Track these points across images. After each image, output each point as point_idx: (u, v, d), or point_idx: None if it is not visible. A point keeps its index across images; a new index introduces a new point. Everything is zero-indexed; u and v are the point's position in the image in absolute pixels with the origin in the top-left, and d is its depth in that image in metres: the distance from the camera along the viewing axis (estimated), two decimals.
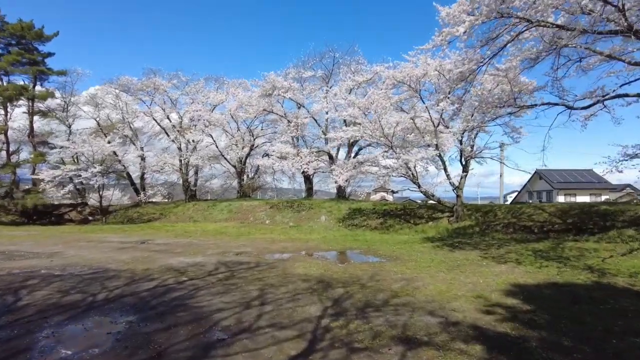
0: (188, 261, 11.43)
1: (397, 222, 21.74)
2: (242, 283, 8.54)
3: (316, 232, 20.12)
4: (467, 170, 20.33)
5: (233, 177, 38.36)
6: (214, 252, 13.20)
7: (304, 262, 11.15)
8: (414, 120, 19.25)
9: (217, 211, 28.20)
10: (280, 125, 31.70)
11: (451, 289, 8.17)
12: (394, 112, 19.89)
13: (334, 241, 16.29)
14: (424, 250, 13.71)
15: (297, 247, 14.60)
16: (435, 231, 19.30)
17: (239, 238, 17.72)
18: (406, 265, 10.73)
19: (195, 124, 29.91)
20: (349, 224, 22.53)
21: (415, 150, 18.23)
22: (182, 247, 14.55)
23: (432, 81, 19.94)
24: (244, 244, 15.34)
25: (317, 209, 26.06)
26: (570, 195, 44.59)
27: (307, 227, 23.06)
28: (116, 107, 30.42)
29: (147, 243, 16.10)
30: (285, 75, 27.14)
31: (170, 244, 15.75)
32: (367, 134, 19.27)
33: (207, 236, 18.68)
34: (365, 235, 18.77)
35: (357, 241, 16.33)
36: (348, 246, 14.91)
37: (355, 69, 25.93)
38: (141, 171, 32.59)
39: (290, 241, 16.40)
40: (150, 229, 22.76)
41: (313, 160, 26.23)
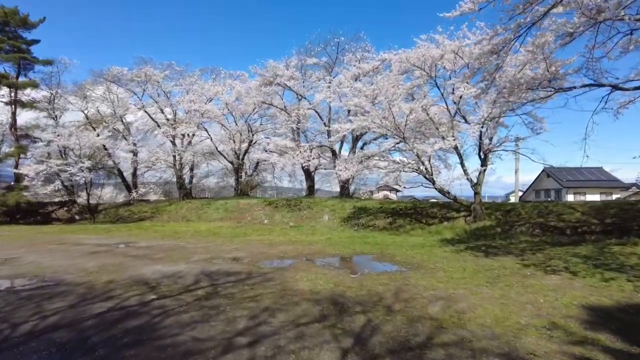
0: (165, 270, 9.17)
1: (407, 222, 19.49)
2: (226, 305, 6.28)
3: (319, 233, 17.86)
4: (485, 164, 18.07)
5: (230, 175, 36.09)
6: (201, 258, 10.94)
7: (308, 272, 8.89)
8: (426, 110, 17.03)
9: (212, 210, 25.93)
10: (279, 118, 29.45)
11: (509, 313, 5.94)
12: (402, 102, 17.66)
13: (340, 244, 14.03)
14: (447, 255, 11.46)
15: (298, 251, 12.34)
16: (452, 232, 17.06)
17: (233, 240, 15.46)
18: (435, 277, 8.47)
19: (191, 117, 27.59)
20: (354, 224, 20.27)
21: (431, 141, 15.98)
22: (165, 252, 12.28)
23: (446, 67, 17.73)
24: (238, 248, 13.08)
25: (319, 207, 23.81)
26: (579, 194, 42.38)
27: (308, 227, 20.80)
28: (106, 99, 28.11)
29: (127, 246, 13.84)
30: (286, 63, 24.83)
31: (153, 247, 13.48)
32: (375, 124, 17.00)
33: (198, 238, 16.42)
34: (375, 236, 16.50)
35: (366, 244, 14.08)
36: (358, 250, 12.64)
37: (361, 56, 23.65)
38: (133, 167, 30.27)
39: (291, 244, 14.15)
40: (138, 229, 20.49)
41: (314, 156, 23.95)
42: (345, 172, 18.65)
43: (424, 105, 15.63)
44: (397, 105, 15.57)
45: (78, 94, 28.05)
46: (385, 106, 15.85)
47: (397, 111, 15.68)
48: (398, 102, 15.64)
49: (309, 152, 23.89)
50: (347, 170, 18.47)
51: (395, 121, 15.82)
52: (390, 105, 15.45)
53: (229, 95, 27.41)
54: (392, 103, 15.51)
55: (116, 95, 28.70)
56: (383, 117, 15.87)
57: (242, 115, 30.37)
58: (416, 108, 15.41)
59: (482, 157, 17.98)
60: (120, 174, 30.87)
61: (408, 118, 15.64)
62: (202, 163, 35.40)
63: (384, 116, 15.87)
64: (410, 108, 15.34)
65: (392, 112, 15.56)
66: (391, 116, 15.66)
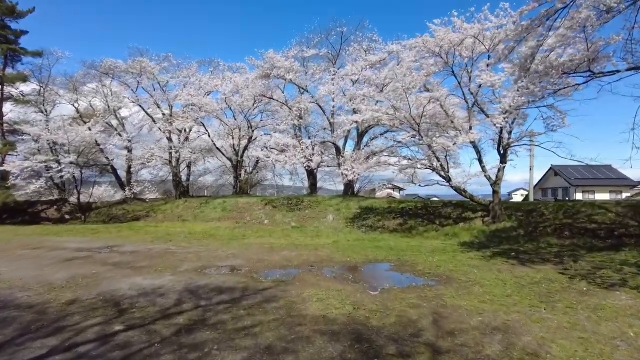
0: (145, 285, 7.50)
1: (419, 224, 17.82)
2: (213, 343, 4.61)
3: (324, 236, 16.19)
4: (505, 161, 16.39)
5: (229, 172, 34.38)
6: (190, 268, 9.27)
7: (318, 288, 7.23)
8: (441, 102, 15.35)
9: (209, 209, 24.24)
10: (280, 113, 27.74)
11: (600, 356, 4.28)
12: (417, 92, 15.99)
13: (349, 249, 12.36)
14: (475, 263, 9.80)
15: (303, 258, 10.67)
16: (470, 235, 15.40)
17: (229, 244, 13.78)
18: (474, 294, 6.82)
19: (188, 112, 25.85)
20: (361, 225, 18.58)
21: (452, 134, 14.31)
22: (151, 258, 10.61)
23: (462, 54, 16.02)
24: (234, 254, 11.40)
25: (322, 207, 22.13)
26: (588, 192, 40.76)
27: (312, 228, 19.13)
28: (99, 93, 26.36)
29: (111, 250, 12.16)
30: (286, 55, 23.09)
31: (140, 252, 11.80)
32: (389, 116, 15.33)
33: (192, 241, 14.75)
34: (386, 240, 14.83)
35: (379, 249, 12.40)
36: (371, 257, 10.97)
37: (367, 46, 21.92)
38: (127, 164, 28.54)
39: (294, 248, 12.47)
40: (129, 230, 18.81)
41: (317, 153, 22.24)
42: (352, 170, 16.94)
43: (443, 95, 13.92)
44: (414, 94, 13.86)
45: (69, 87, 26.30)
46: (398, 96, 14.15)
47: (414, 100, 13.99)
48: (415, 91, 13.94)
49: (312, 149, 22.19)
50: (354, 168, 16.75)
51: (410, 112, 14.12)
52: (406, 93, 13.75)
53: (228, 88, 25.64)
54: (410, 91, 13.80)
55: (110, 89, 26.95)
56: (399, 107, 14.16)
57: (241, 110, 28.65)
58: (436, 97, 13.70)
59: (501, 152, 16.31)
60: (114, 171, 29.16)
61: (426, 108, 13.94)
62: (200, 160, 33.69)
63: (397, 107, 14.17)
64: (429, 97, 13.65)
65: (409, 102, 13.86)
66: (406, 106, 13.97)
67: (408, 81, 13.79)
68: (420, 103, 13.93)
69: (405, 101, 14.03)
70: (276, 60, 22.19)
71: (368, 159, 19.11)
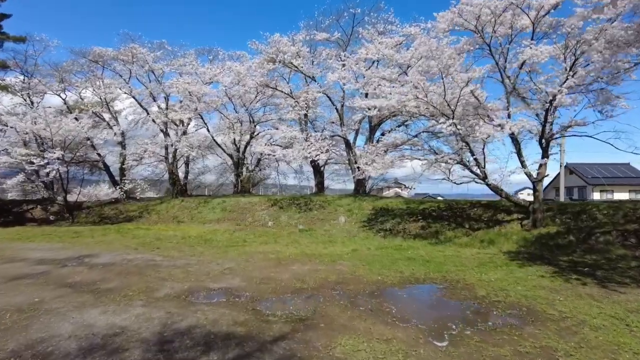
0: (99, 326, 4.98)
1: (445, 227, 15.30)
2: None
3: (339, 242, 13.66)
4: (547, 155, 13.87)
5: (230, 170, 31.84)
6: (172, 292, 6.76)
7: (354, 335, 4.73)
8: (477, 86, 12.83)
9: (207, 209, 21.73)
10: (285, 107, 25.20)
11: None
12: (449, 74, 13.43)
13: (375, 261, 9.83)
14: (546, 284, 7.31)
15: (320, 275, 8.14)
16: (510, 241, 12.86)
17: (227, 252, 11.25)
18: (596, 346, 4.31)
19: (187, 101, 23.28)
20: (379, 229, 16.05)
21: (496, 122, 11.77)
22: (125, 276, 8.09)
23: (496, 31, 13.45)
24: (232, 268, 8.87)
25: (332, 207, 19.63)
26: (606, 191, 38.19)
27: (322, 232, 16.61)
28: (88, 81, 23.75)
29: (80, 262, 9.64)
30: (293, 39, 20.54)
31: (115, 265, 9.29)
32: (414, 102, 12.79)
33: (183, 247, 12.23)
34: (415, 247, 12.29)
35: (411, 260, 9.87)
36: (407, 273, 8.43)
37: (383, 28, 19.34)
38: (120, 160, 25.98)
39: (307, 260, 9.95)
40: (116, 233, 16.32)
41: (326, 148, 19.69)
42: (371, 168, 14.39)
43: (483, 76, 11.39)
44: (452, 74, 11.31)
45: (57, 77, 23.74)
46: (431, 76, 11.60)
47: (450, 81, 11.45)
48: (455, 70, 11.39)
49: (320, 143, 19.65)
50: (374, 165, 14.21)
51: (445, 95, 11.58)
52: (443, 73, 11.21)
53: (229, 78, 23.08)
54: (447, 71, 11.26)
55: (101, 80, 24.37)
56: (428, 90, 11.62)
57: (242, 103, 26.13)
58: (476, 77, 11.16)
59: (543, 145, 13.78)
60: (107, 168, 26.63)
61: (463, 91, 11.39)
62: (199, 158, 31.15)
63: (429, 89, 11.62)
64: (467, 78, 11.09)
65: (444, 83, 11.31)
66: (440, 88, 11.43)
67: (446, 57, 11.23)
68: (457, 85, 11.38)
69: (439, 82, 11.50)
70: (282, 44, 19.63)
71: (386, 152, 16.60)
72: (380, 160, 14.45)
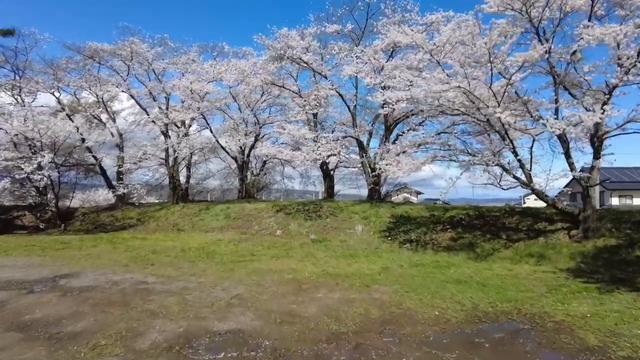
0: None
1: (479, 238, 13.32)
2: None
3: (363, 257, 11.65)
4: (599, 155, 11.97)
5: (234, 175, 29.88)
6: (163, 339, 4.80)
7: None
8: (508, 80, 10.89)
9: (210, 217, 19.75)
10: (292, 107, 23.33)
11: None
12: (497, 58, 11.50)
13: (418, 284, 7.84)
14: None
15: (358, 309, 6.15)
16: (564, 256, 10.87)
17: (233, 271, 9.26)
18: None
19: (189, 100, 21.36)
20: (403, 240, 14.07)
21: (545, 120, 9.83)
22: (103, 308, 6.14)
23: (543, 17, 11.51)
24: (241, 296, 6.89)
25: (346, 214, 17.65)
26: (625, 196, 36.20)
27: (338, 242, 14.63)
28: (83, 80, 21.85)
29: (51, 287, 7.67)
30: (302, 33, 18.65)
31: (96, 289, 7.33)
32: (448, 94, 10.88)
33: (182, 263, 10.27)
34: (454, 264, 10.29)
35: (461, 284, 7.88)
36: (467, 303, 6.44)
37: (401, 17, 17.43)
38: (118, 164, 24.01)
39: (333, 283, 7.97)
40: (107, 244, 14.38)
41: (338, 149, 17.75)
42: (397, 169, 12.45)
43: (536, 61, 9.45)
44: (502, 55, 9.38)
45: (50, 73, 21.82)
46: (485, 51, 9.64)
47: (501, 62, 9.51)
48: (505, 52, 9.47)
49: (332, 144, 17.71)
50: (400, 167, 12.26)
51: (492, 84, 9.66)
52: (491, 55, 9.28)
53: (233, 76, 21.18)
54: (493, 52, 9.33)
55: (97, 78, 22.47)
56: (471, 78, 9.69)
57: (247, 105, 24.27)
58: (532, 60, 9.21)
59: (595, 144, 11.87)
60: (103, 172, 24.67)
61: (514, 78, 9.46)
62: (201, 162, 29.21)
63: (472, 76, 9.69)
64: (523, 57, 9.13)
65: (492, 67, 9.38)
66: (486, 75, 9.50)
67: (495, 35, 9.29)
68: (504, 71, 9.45)
69: (485, 68, 9.57)
70: (291, 38, 17.74)
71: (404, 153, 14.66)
72: (409, 161, 12.47)
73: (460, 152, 12.85)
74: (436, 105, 12.28)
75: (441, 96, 11.01)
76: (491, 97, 10.43)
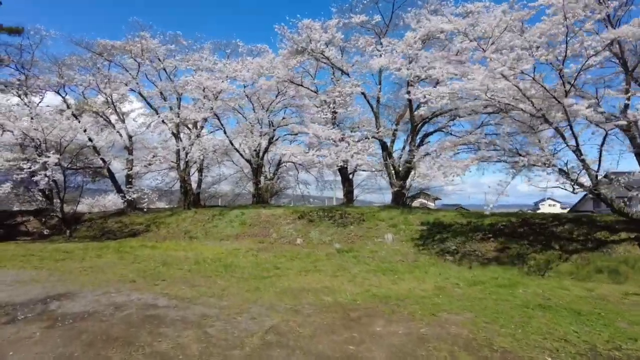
0: None
1: (528, 249, 11.63)
2: None
3: (405, 272, 10.00)
4: None
5: (247, 179, 28.38)
6: None
7: None
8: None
9: (224, 223, 18.23)
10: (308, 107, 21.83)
11: None
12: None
13: (493, 311, 6.19)
14: None
15: (439, 353, 4.55)
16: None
17: (259, 289, 7.69)
18: None
19: (203, 101, 19.90)
20: (441, 251, 12.42)
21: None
22: (100, 349, 4.58)
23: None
24: (278, 329, 5.29)
25: (371, 222, 16.03)
26: None
27: (367, 253, 13.02)
28: (91, 78, 20.51)
29: (43, 311, 6.14)
30: (324, 26, 17.16)
31: (93, 317, 5.78)
32: (501, 84, 9.28)
33: (198, 279, 8.73)
34: (518, 282, 8.60)
35: (548, 311, 6.21)
36: (575, 341, 4.79)
37: (434, 7, 15.89)
38: (127, 167, 22.58)
39: (386, 309, 6.36)
40: (114, 254, 12.89)
41: (368, 150, 16.20)
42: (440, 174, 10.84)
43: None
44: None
45: (56, 71, 20.53)
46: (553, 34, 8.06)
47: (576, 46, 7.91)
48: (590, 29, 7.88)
49: (360, 145, 16.16)
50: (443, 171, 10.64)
51: (563, 64, 8.07)
52: (570, 30, 7.68)
53: (248, 74, 19.73)
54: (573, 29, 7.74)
55: (107, 76, 21.14)
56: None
57: (262, 106, 22.84)
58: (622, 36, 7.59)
59: None
60: (111, 175, 23.30)
61: (590, 61, 7.85)
62: (214, 165, 27.69)
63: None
64: (613, 36, 7.51)
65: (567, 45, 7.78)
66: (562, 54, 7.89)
67: (581, 6, 7.68)
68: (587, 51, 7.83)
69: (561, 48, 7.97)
70: (314, 29, 16.28)
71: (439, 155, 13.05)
72: (452, 164, 10.85)
73: (510, 153, 11.18)
74: (483, 99, 10.66)
75: (489, 89, 9.41)
76: (558, 86, 8.79)
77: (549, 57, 8.24)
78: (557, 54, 8.83)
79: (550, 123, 10.12)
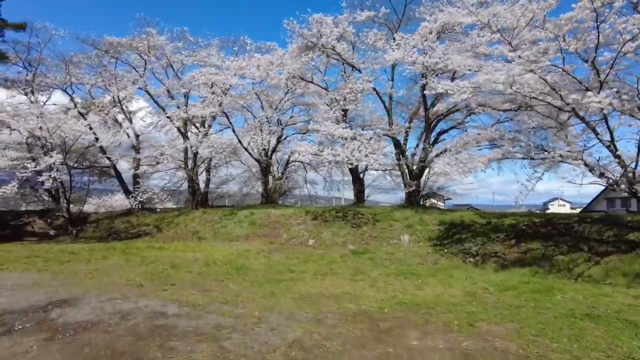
0: None
1: (553, 250, 10.96)
2: None
3: (428, 275, 9.39)
4: None
5: (254, 178, 27.89)
6: None
7: None
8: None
9: (233, 223, 17.71)
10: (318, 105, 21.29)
11: None
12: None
13: (542, 323, 5.55)
14: None
15: None
16: None
17: (275, 294, 7.14)
18: None
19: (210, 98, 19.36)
20: (461, 252, 11.79)
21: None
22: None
23: None
24: (302, 344, 4.72)
25: (385, 222, 15.44)
26: None
27: (384, 255, 12.41)
28: (97, 75, 20.09)
29: (43, 320, 5.61)
30: (335, 21, 16.58)
31: (96, 327, 5.24)
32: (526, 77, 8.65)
33: (209, 282, 8.19)
34: (552, 286, 7.95)
35: (595, 320, 5.57)
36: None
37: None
38: (134, 166, 22.14)
39: (418, 317, 5.77)
40: (120, 255, 12.36)
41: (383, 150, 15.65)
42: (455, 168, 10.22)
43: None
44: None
45: (63, 68, 20.12)
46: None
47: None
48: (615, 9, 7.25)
49: (373, 144, 15.56)
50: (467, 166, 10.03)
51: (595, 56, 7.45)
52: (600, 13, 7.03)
53: (257, 72, 19.19)
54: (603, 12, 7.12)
55: (113, 75, 20.69)
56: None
57: (270, 104, 22.27)
58: None
59: None
60: (118, 175, 22.87)
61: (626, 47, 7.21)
62: (222, 165, 27.15)
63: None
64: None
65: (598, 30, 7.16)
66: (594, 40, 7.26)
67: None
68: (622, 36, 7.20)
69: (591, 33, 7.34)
70: (325, 24, 15.70)
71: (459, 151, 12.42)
72: (474, 158, 10.24)
73: (536, 150, 10.53)
74: (508, 93, 10.02)
75: (515, 81, 8.78)
76: (592, 76, 8.14)
77: (578, 46, 7.59)
78: (589, 41, 8.17)
79: (582, 117, 9.47)
